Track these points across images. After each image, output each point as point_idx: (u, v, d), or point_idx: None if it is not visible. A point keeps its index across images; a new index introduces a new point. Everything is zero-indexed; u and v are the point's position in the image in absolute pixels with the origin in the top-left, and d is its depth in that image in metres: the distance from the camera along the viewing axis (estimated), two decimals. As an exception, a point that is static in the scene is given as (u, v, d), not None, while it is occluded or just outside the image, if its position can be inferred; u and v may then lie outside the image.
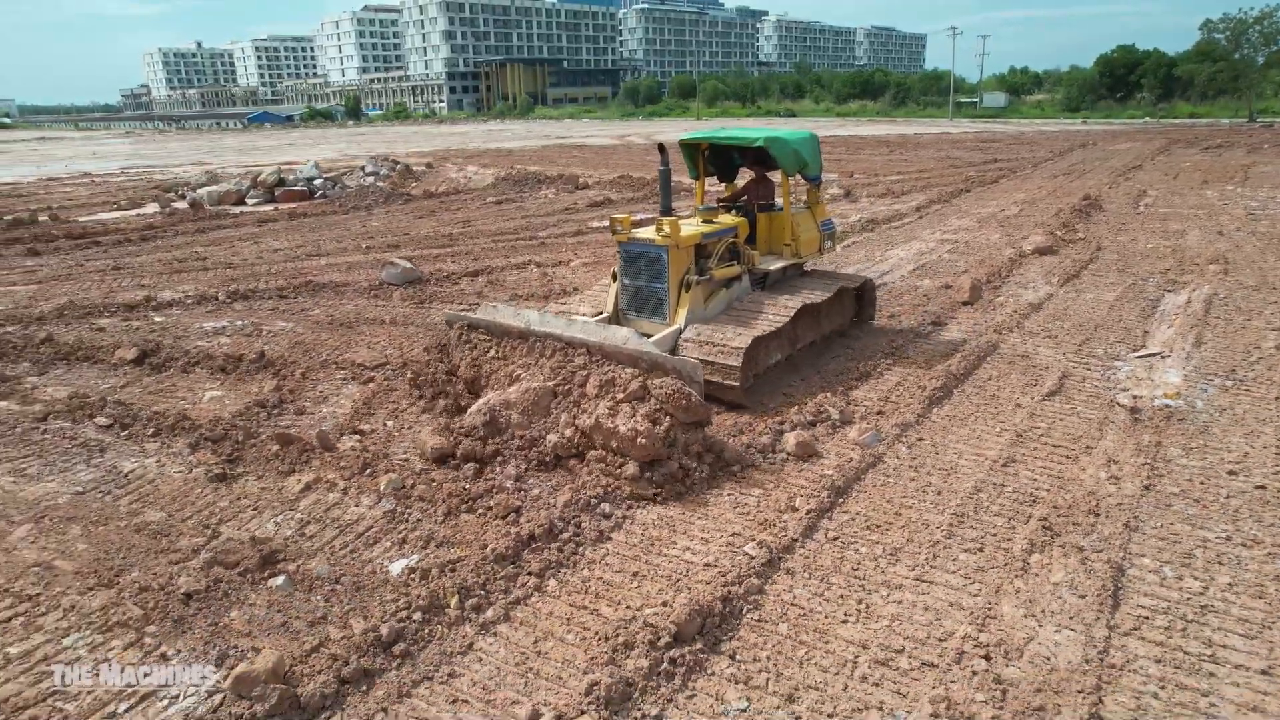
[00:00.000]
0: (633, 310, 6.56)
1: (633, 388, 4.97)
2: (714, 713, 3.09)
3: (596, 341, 5.45)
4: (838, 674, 3.27)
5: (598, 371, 5.29)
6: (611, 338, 5.45)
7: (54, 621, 3.71)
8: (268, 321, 8.78)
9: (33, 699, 3.22)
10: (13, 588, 3.99)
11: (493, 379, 5.81)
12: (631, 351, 5.27)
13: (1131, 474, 4.88)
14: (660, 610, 3.59)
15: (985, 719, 2.98)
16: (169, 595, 3.83)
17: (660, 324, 6.34)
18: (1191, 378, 6.48)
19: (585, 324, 5.79)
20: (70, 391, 6.74)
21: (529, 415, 5.31)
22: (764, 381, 6.43)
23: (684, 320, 6.23)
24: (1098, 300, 8.91)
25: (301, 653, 3.40)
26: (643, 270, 6.38)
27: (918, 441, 5.43)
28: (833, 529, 4.35)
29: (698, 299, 6.35)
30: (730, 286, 6.67)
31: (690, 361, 5.27)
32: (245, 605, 3.79)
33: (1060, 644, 3.38)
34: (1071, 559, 3.98)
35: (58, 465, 5.42)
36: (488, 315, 6.15)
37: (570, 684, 3.22)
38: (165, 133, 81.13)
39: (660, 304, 6.36)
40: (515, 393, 5.40)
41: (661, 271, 6.25)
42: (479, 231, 14.62)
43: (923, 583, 3.87)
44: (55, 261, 12.94)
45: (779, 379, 6.60)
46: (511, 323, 5.93)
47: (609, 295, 6.77)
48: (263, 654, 3.30)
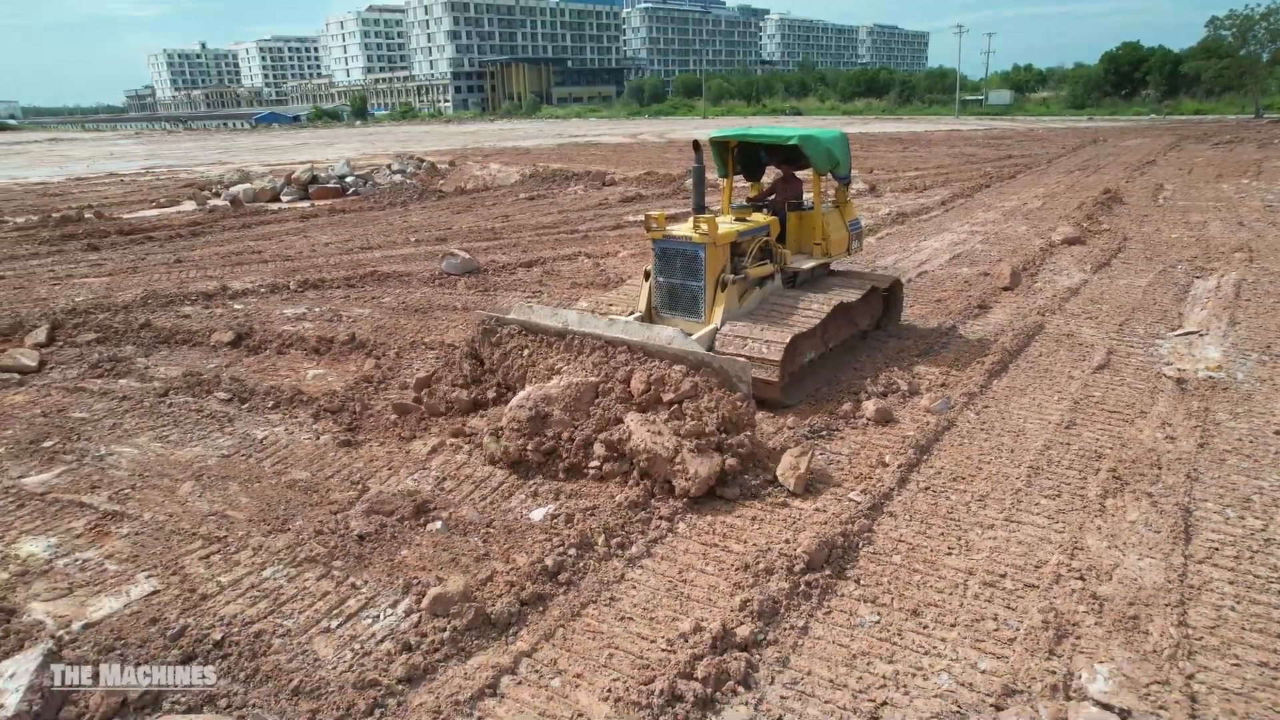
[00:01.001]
0: (666, 308, 6.51)
1: (684, 387, 4.99)
2: (850, 625, 3.57)
3: (640, 341, 5.38)
4: (951, 594, 3.75)
5: (642, 369, 5.22)
6: (656, 337, 5.40)
7: (247, 558, 4.20)
8: (344, 308, 9.27)
9: (254, 616, 3.71)
10: (199, 531, 4.48)
11: (530, 373, 5.72)
12: (678, 351, 5.20)
13: (1185, 434, 5.36)
14: (788, 544, 4.08)
15: (1087, 625, 3.47)
16: (344, 537, 4.32)
17: (695, 322, 6.30)
18: (1230, 353, 6.95)
19: (627, 324, 5.74)
20: (181, 370, 7.24)
21: (571, 412, 5.17)
22: (796, 382, 6.31)
23: (720, 319, 6.19)
24: (1131, 286, 9.38)
25: (477, 582, 3.89)
26: (678, 268, 6.33)
27: (984, 408, 5.91)
28: (923, 481, 4.84)
29: (733, 297, 6.32)
30: (763, 285, 6.67)
31: (740, 361, 5.23)
32: (413, 545, 4.28)
33: (1144, 569, 3.86)
34: (1143, 502, 4.46)
35: (195, 433, 5.91)
36: (524, 315, 6.06)
37: (721, 603, 3.71)
38: (174, 133, 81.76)
39: (696, 302, 6.32)
40: (556, 388, 5.26)
41: (698, 269, 6.21)
42: (520, 225, 15.11)
43: (1011, 522, 4.35)
44: (116, 256, 13.42)
45: (813, 378, 6.51)
46: (549, 323, 5.85)
47: (642, 294, 6.73)
48: (450, 579, 3.79)
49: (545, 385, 5.34)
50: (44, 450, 5.67)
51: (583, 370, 5.41)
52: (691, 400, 4.95)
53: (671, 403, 4.99)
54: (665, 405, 5.01)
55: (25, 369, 7.49)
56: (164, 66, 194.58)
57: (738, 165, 7.62)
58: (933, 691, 3.15)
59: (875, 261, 10.97)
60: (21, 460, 5.52)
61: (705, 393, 4.98)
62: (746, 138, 7.26)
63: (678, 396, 4.99)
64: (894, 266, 10.65)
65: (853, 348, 7.23)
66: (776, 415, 5.84)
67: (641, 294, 6.73)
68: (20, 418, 6.31)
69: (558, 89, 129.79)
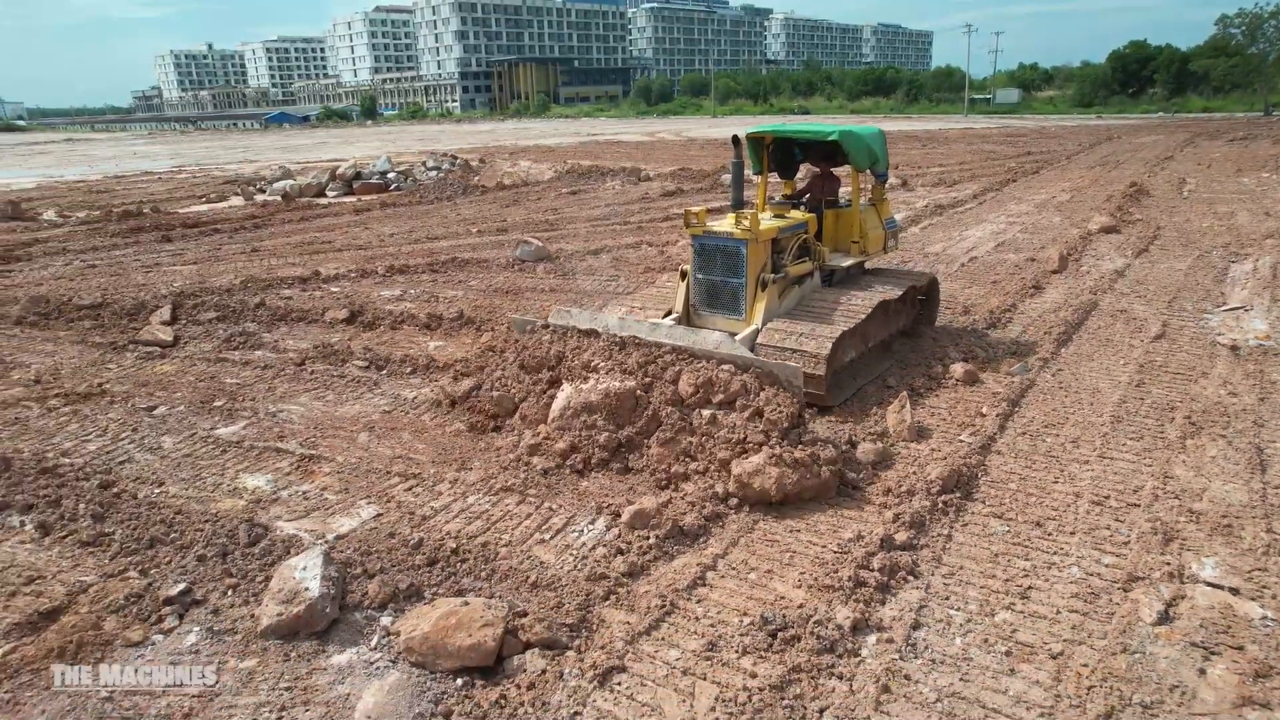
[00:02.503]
0: (705, 306, 6.38)
1: (734, 388, 4.97)
2: (985, 533, 4.23)
3: (686, 345, 5.31)
4: (1066, 510, 4.41)
5: (689, 370, 5.14)
6: (702, 342, 5.32)
7: (447, 489, 4.87)
8: (437, 291, 9.94)
9: (474, 532, 4.37)
10: (393, 470, 5.15)
11: (568, 369, 5.59)
12: (727, 355, 5.16)
13: (1246, 390, 6.01)
14: (918, 474, 4.74)
15: (1189, 532, 4.12)
16: (529, 470, 4.98)
17: (736, 320, 6.19)
18: (1276, 325, 7.60)
19: (671, 329, 5.61)
20: (309, 344, 7.90)
21: (614, 418, 5.13)
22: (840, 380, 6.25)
23: (761, 318, 6.08)
24: (1171, 269, 10.03)
25: (660, 504, 4.55)
26: (719, 264, 6.20)
27: (1059, 371, 6.57)
28: (1019, 428, 5.50)
29: (774, 296, 6.20)
30: (801, 284, 6.56)
31: (791, 366, 5.12)
32: (591, 479, 4.93)
33: (1229, 491, 4.51)
34: (1219, 442, 5.12)
35: (349, 394, 6.58)
36: (562, 320, 5.99)
37: (872, 518, 4.37)
38: (187, 133, 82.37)
39: (736, 300, 6.19)
40: (596, 394, 5.15)
41: (740, 266, 6.08)
42: (571, 218, 15.77)
43: (1105, 459, 5.01)
44: (192, 247, 14.09)
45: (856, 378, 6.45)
46: (588, 327, 5.77)
47: (678, 294, 6.56)
48: (643, 498, 4.45)
49: (584, 388, 5.23)
50: (217, 409, 6.35)
51: (622, 374, 5.27)
52: (743, 399, 4.92)
53: (721, 404, 4.98)
54: (714, 406, 5.00)
55: (163, 343, 8.17)
56: (171, 67, 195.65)
57: (771, 162, 7.49)
58: (1068, 579, 3.80)
59: (925, 249, 11.63)
60: (202, 416, 6.19)
61: (756, 392, 4.95)
62: (783, 134, 7.16)
63: (728, 398, 4.98)
64: (943, 254, 11.31)
65: (890, 348, 7.16)
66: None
67: (678, 293, 6.55)
68: (180, 383, 6.98)
69: (564, 89, 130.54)
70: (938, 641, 3.42)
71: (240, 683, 3.33)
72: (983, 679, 3.19)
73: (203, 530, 4.40)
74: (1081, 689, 3.10)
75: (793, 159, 7.65)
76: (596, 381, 5.27)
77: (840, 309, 6.16)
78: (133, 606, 3.83)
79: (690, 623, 3.57)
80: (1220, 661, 3.23)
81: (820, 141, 6.86)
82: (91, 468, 5.28)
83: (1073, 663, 3.26)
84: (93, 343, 8.28)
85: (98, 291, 10.16)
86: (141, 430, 5.95)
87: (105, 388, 6.88)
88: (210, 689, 3.30)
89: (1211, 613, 3.51)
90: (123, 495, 4.89)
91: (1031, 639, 3.41)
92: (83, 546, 4.37)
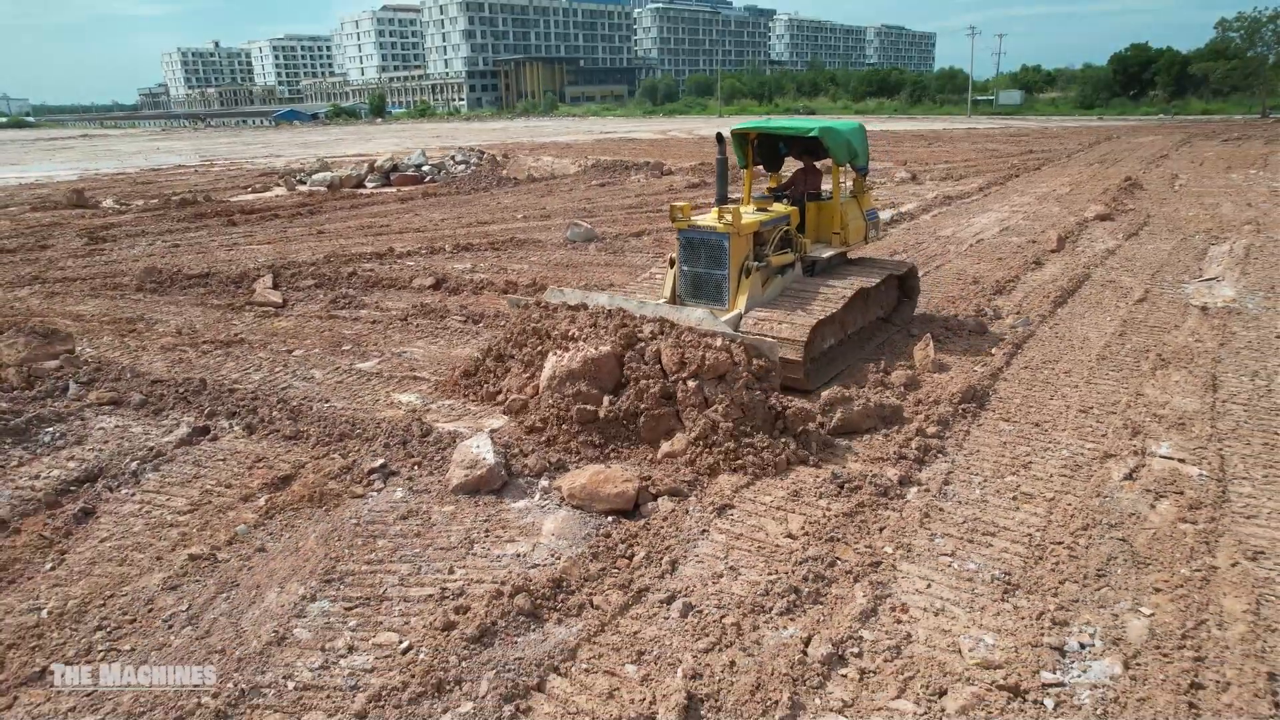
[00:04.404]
0: (691, 296, 6.65)
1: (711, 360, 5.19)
2: (996, 430, 5.45)
3: (671, 319, 5.61)
4: (1059, 416, 5.64)
5: (669, 345, 5.39)
6: (685, 318, 5.56)
7: (564, 402, 6.06)
8: (504, 264, 11.16)
9: (596, 428, 5.57)
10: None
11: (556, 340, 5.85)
12: (708, 330, 5.43)
13: (1209, 337, 7.24)
14: (942, 389, 5.96)
15: (1151, 427, 5.34)
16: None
17: (719, 309, 6.39)
18: (1241, 293, 8.82)
19: (656, 306, 5.91)
20: (405, 305, 9.12)
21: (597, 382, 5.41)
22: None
23: (744, 305, 6.33)
24: (1157, 249, 11.25)
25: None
26: (703, 256, 6.47)
27: (1055, 325, 7.80)
28: (1021, 363, 6.73)
29: (756, 285, 6.45)
30: (783, 273, 6.80)
31: (768, 341, 5.42)
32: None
33: (1186, 403, 5.74)
34: (1182, 372, 6.35)
35: (456, 340, 7.80)
36: (555, 299, 6.30)
37: (908, 418, 5.58)
38: (199, 130, 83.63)
39: (720, 290, 6.45)
40: (578, 362, 5.43)
41: (722, 258, 6.34)
42: (605, 206, 16.99)
43: (1090, 383, 6.23)
44: (258, 230, 15.30)
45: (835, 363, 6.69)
46: (579, 303, 6.07)
47: (666, 281, 6.89)
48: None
49: (565, 357, 5.51)
50: (346, 351, 7.57)
51: (608, 342, 5.50)
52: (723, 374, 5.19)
53: (697, 373, 5.23)
54: (693, 376, 5.25)
55: (275, 304, 9.39)
56: (178, 65, 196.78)
57: (757, 157, 7.71)
58: (1059, 458, 5.02)
59: (936, 233, 12.85)
60: (337, 356, 7.41)
61: (735, 366, 5.22)
62: (767, 130, 7.45)
63: (708, 370, 5.22)
64: (953, 237, 12.53)
65: (870, 334, 7.41)
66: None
67: (666, 282, 6.91)
68: (303, 334, 8.20)
69: (570, 88, 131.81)
70: (962, 491, 4.64)
71: (446, 519, 4.55)
72: (996, 511, 4.42)
73: (381, 427, 5.62)
74: (1066, 516, 4.33)
75: (778, 154, 7.92)
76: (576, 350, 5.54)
77: (819, 298, 6.44)
78: (345, 475, 5.06)
79: (779, 481, 4.79)
80: (1166, 500, 4.45)
81: (802, 137, 7.20)
82: (264, 390, 6.51)
83: (1060, 503, 4.48)
84: (211, 305, 9.50)
85: (201, 264, 11.39)
86: (291, 366, 7.17)
87: (241, 337, 8.11)
88: (425, 523, 4.51)
89: (1163, 474, 4.73)
90: (302, 407, 6.11)
91: (1031, 490, 4.63)
92: (287, 440, 5.60)
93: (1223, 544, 4.01)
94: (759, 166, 7.83)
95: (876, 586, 3.73)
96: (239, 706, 3.12)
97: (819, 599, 3.68)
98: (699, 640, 3.41)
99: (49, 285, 10.64)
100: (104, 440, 5.65)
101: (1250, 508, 4.37)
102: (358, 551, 4.16)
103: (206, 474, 5.13)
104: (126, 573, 4.07)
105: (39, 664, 3.40)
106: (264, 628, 3.57)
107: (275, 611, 3.68)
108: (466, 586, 3.85)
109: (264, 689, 3.21)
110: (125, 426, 5.88)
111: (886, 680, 3.16)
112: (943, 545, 4.09)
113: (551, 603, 3.68)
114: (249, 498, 4.81)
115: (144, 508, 4.72)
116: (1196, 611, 3.49)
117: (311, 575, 3.94)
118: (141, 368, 7.07)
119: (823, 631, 3.43)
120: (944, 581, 3.79)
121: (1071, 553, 3.97)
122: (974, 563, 3.93)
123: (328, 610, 3.69)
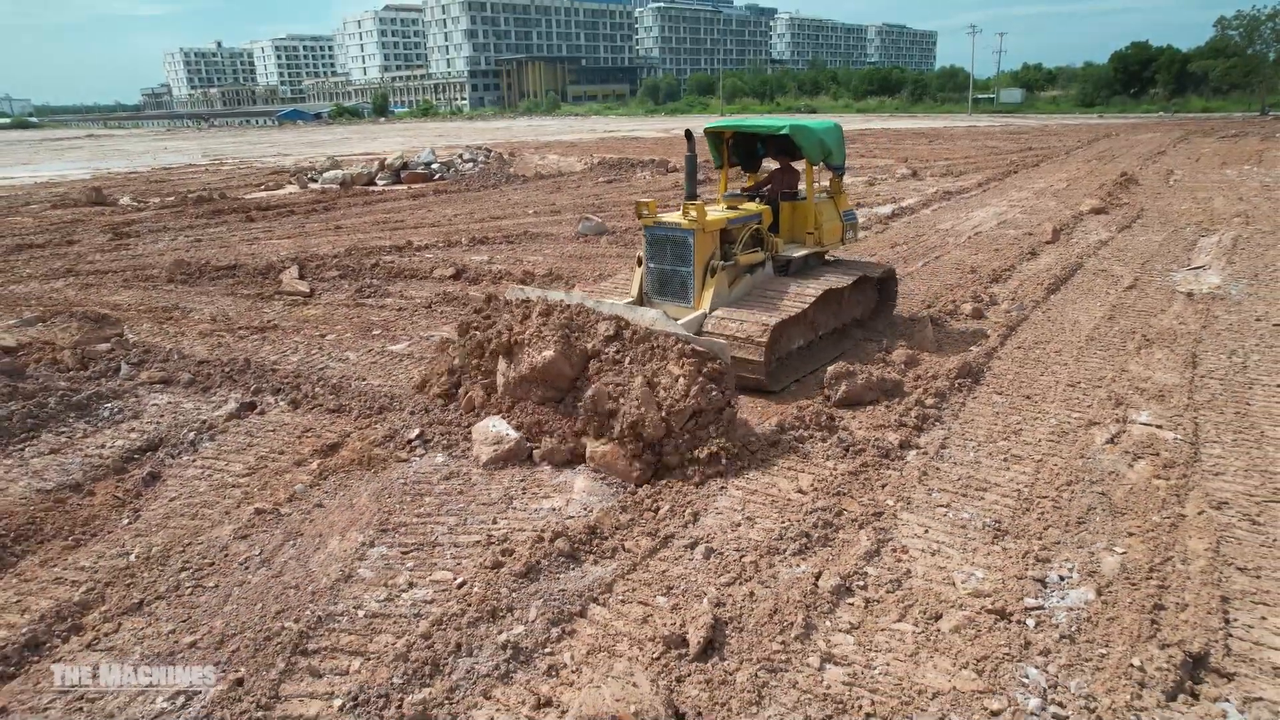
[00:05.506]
0: (657, 294, 6.61)
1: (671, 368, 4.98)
2: (989, 402, 5.87)
3: (625, 317, 5.44)
4: (1049, 389, 6.06)
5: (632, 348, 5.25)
6: (640, 319, 5.40)
7: (586, 379, 6.49)
8: (519, 256, 11.59)
9: (618, 402, 6.01)
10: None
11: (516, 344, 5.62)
12: (660, 333, 5.26)
13: (1192, 321, 7.66)
14: (940, 365, 6.39)
15: (1133, 398, 5.77)
16: (645, 368, 6.62)
17: (685, 307, 6.37)
18: (1226, 281, 9.24)
19: (614, 305, 5.70)
20: (428, 293, 9.54)
21: (551, 387, 5.38)
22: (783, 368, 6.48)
23: (709, 304, 6.28)
24: (1149, 240, 11.67)
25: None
26: (668, 254, 6.40)
27: (1048, 310, 8.22)
28: (1015, 343, 7.15)
29: (722, 283, 6.39)
30: (753, 272, 6.73)
31: (718, 342, 5.32)
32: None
33: (1167, 378, 6.16)
34: (1165, 350, 6.77)
35: (480, 326, 8.20)
36: (516, 296, 6.15)
37: (907, 391, 6.00)
38: (203, 130, 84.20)
39: (685, 287, 6.40)
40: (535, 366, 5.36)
41: (687, 255, 6.28)
42: (614, 202, 17.42)
43: (1079, 361, 6.65)
44: (277, 225, 15.73)
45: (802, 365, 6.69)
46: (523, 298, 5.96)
47: (634, 280, 6.85)
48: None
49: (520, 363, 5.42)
50: (376, 335, 7.99)
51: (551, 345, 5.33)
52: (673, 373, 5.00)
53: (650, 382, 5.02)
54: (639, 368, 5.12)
55: (303, 293, 9.83)
56: (180, 65, 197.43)
57: (734, 156, 7.64)
58: (1047, 426, 5.45)
59: (936, 226, 13.27)
60: (369, 340, 7.83)
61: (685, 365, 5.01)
62: (740, 128, 7.37)
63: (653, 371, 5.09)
64: (952, 229, 12.95)
65: (845, 337, 7.34)
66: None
67: (634, 280, 6.86)
68: (333, 321, 8.63)
69: (572, 87, 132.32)
70: (958, 454, 5.07)
71: (486, 479, 4.98)
72: (988, 471, 4.84)
73: (417, 403, 6.04)
74: (1052, 474, 4.75)
75: (756, 153, 7.85)
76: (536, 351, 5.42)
77: (786, 298, 6.36)
78: (389, 443, 5.49)
79: (790, 444, 5.22)
80: (1143, 460, 4.87)
81: (778, 136, 7.07)
82: (304, 370, 6.94)
83: (1047, 464, 4.91)
84: (241, 295, 9.93)
85: (227, 257, 11.83)
86: (325, 349, 7.60)
87: (275, 324, 8.54)
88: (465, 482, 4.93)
89: (1142, 438, 5.16)
90: (341, 384, 6.55)
91: (1020, 453, 5.06)
92: (330, 413, 6.03)
93: (1192, 496, 4.43)
94: (737, 166, 7.78)
95: (879, 532, 4.16)
96: (318, 629, 3.54)
97: (828, 542, 4.10)
98: (721, 576, 3.84)
99: (82, 277, 11.07)
100: (159, 415, 6.08)
101: (1219, 466, 4.79)
102: (408, 506, 4.59)
103: (259, 443, 5.56)
104: (199, 525, 4.50)
105: (136, 598, 3.83)
106: (331, 568, 4.00)
107: (339, 555, 4.11)
108: (510, 534, 4.28)
109: (338, 616, 3.64)
110: (177, 403, 6.31)
111: (889, 607, 3.59)
112: (939, 498, 4.51)
113: (588, 547, 4.11)
114: (301, 463, 5.23)
115: (206, 472, 5.15)
116: (1164, 550, 3.91)
117: (369, 526, 4.37)
118: (185, 351, 7.51)
119: (831, 568, 3.85)
120: (940, 528, 4.21)
121: (1055, 504, 4.39)
122: (967, 513, 4.35)
123: (386, 554, 4.12)
